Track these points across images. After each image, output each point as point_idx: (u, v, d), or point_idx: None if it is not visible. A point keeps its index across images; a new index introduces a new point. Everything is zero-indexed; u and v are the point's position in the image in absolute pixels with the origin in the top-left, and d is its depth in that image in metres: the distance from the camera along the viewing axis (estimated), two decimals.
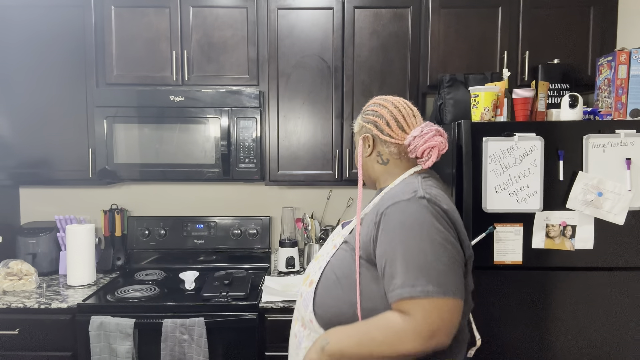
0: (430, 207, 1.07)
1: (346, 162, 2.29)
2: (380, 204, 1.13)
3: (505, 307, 1.78)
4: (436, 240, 1.03)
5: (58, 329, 1.98)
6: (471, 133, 1.73)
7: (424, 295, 0.99)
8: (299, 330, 1.24)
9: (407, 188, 1.13)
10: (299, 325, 1.25)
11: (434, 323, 0.99)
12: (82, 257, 2.25)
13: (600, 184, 1.72)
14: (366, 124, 1.26)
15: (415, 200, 1.08)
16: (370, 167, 1.29)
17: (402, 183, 1.19)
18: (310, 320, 1.17)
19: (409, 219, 1.05)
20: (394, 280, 1.03)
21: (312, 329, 1.18)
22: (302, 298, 1.22)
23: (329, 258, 1.21)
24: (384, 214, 1.09)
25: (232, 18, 2.26)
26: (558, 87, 2.12)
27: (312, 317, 1.17)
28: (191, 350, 1.90)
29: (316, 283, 1.19)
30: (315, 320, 1.17)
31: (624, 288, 1.76)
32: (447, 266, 1.02)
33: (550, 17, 2.21)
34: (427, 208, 1.06)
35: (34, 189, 2.65)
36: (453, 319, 1.02)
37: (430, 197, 1.08)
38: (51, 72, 2.26)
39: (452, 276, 1.02)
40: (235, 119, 2.22)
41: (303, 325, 1.22)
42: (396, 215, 1.07)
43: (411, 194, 1.09)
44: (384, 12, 2.24)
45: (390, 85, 2.26)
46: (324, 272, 1.19)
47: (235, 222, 2.57)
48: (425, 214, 1.06)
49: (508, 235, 1.76)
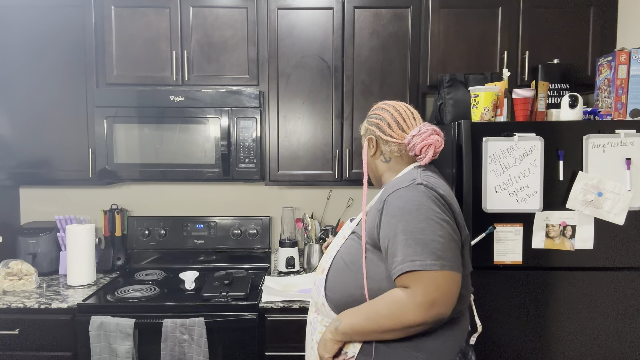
0: (427, 191, 1.18)
1: (346, 162, 2.29)
2: (383, 194, 1.24)
3: (505, 307, 1.78)
4: (433, 219, 1.13)
5: (58, 329, 1.98)
6: (471, 133, 1.73)
7: (422, 268, 1.09)
8: (314, 318, 1.35)
9: (407, 177, 1.24)
10: (313, 312, 1.36)
11: (433, 294, 1.08)
12: (82, 257, 2.25)
13: (600, 184, 1.72)
14: (370, 126, 1.39)
15: (413, 186, 1.19)
16: (374, 165, 1.41)
17: (402, 175, 1.30)
18: (323, 304, 1.29)
19: (407, 203, 1.16)
20: (396, 258, 1.13)
21: (324, 313, 1.30)
22: (316, 285, 1.33)
23: (338, 248, 1.33)
24: (385, 201, 1.20)
25: (232, 18, 2.26)
26: (558, 87, 2.12)
27: (324, 301, 1.28)
28: (191, 350, 1.90)
29: (327, 270, 1.31)
30: (327, 303, 1.28)
31: (624, 288, 1.77)
32: (443, 242, 1.12)
33: (550, 17, 2.21)
34: (424, 192, 1.17)
35: (34, 189, 2.65)
36: (452, 290, 1.11)
37: (427, 184, 1.20)
38: (51, 72, 2.26)
39: (449, 251, 1.12)
40: (235, 119, 2.22)
41: (317, 311, 1.33)
42: (396, 201, 1.18)
43: (410, 181, 1.21)
44: (384, 12, 2.24)
45: (390, 85, 2.26)
46: (334, 260, 1.31)
47: (235, 222, 2.57)
48: (423, 197, 1.16)
49: (508, 235, 1.76)
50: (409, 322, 1.10)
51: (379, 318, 1.13)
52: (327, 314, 1.29)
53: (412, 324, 1.10)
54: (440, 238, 1.11)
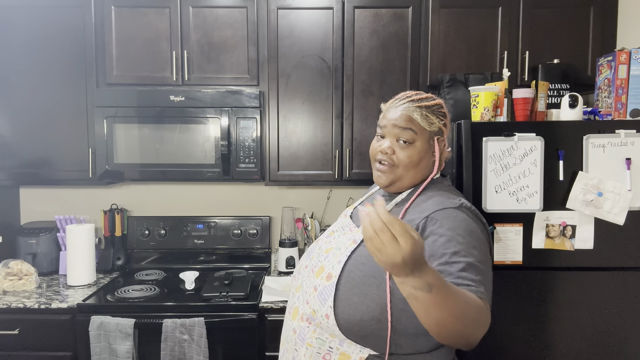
0: (476, 218, 1.12)
1: (346, 162, 2.29)
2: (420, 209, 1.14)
3: (505, 307, 1.78)
4: (483, 250, 1.07)
5: (58, 329, 1.98)
6: (471, 133, 1.73)
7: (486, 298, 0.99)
8: (301, 326, 1.16)
9: (449, 196, 1.16)
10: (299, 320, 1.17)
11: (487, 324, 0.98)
12: (82, 257, 2.25)
13: (600, 184, 1.71)
14: (440, 123, 1.20)
15: (463, 209, 1.11)
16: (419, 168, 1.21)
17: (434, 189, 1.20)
18: (326, 316, 1.09)
19: (460, 226, 1.07)
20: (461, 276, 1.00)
21: (322, 326, 1.10)
22: (317, 292, 1.13)
23: (349, 253, 1.14)
24: (429, 217, 1.10)
25: (232, 18, 2.26)
26: (558, 87, 2.11)
27: (330, 312, 1.08)
28: (191, 350, 1.90)
29: (337, 278, 1.11)
30: (332, 315, 1.08)
31: (624, 288, 1.76)
32: (490, 275, 1.06)
33: (550, 17, 2.21)
34: (475, 219, 1.12)
35: (34, 189, 2.65)
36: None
37: (474, 209, 1.14)
38: (51, 72, 2.26)
39: (490, 286, 1.06)
40: (235, 119, 2.22)
41: (309, 320, 1.14)
42: (447, 220, 1.08)
43: (457, 202, 1.13)
44: (384, 12, 2.24)
45: (390, 85, 2.26)
46: (345, 267, 1.12)
47: (235, 222, 2.57)
48: (473, 224, 1.10)
49: (508, 235, 1.76)
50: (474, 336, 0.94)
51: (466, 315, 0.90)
52: (327, 329, 1.09)
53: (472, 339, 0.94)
54: (487, 269, 1.05)
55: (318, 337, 1.12)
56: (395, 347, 1.08)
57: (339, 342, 1.10)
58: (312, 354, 1.12)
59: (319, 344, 1.12)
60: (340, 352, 1.10)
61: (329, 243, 1.24)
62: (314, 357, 1.12)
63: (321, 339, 1.12)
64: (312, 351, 1.12)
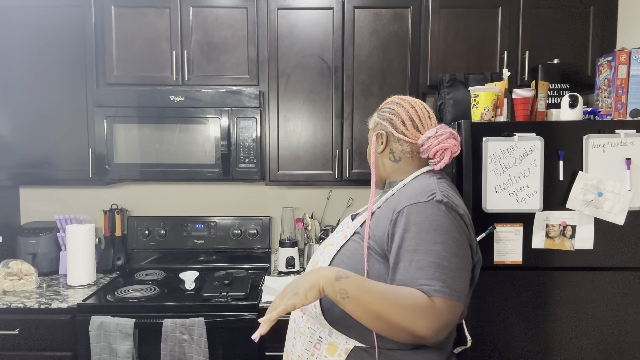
0: (448, 212, 1.10)
1: (346, 162, 2.29)
2: (397, 201, 1.15)
3: (505, 307, 1.78)
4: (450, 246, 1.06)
5: (58, 329, 1.98)
6: (471, 133, 1.73)
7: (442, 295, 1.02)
8: (298, 316, 1.25)
9: (425, 189, 1.15)
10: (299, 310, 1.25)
11: (446, 321, 1.02)
12: (82, 257, 2.25)
13: (600, 184, 1.72)
14: (382, 121, 1.29)
15: (433, 203, 1.10)
16: (381, 163, 1.32)
17: (417, 182, 1.20)
18: (314, 306, 1.17)
19: (426, 221, 1.08)
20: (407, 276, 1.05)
21: (311, 314, 1.19)
22: None
23: (339, 247, 1.22)
24: (401, 212, 1.11)
25: (232, 18, 2.26)
26: (558, 87, 2.12)
27: (317, 302, 1.16)
28: (191, 350, 1.90)
29: None
30: (319, 305, 1.16)
31: (624, 288, 1.76)
32: (458, 272, 1.05)
33: (550, 17, 2.21)
34: (445, 214, 1.09)
35: (34, 189, 2.65)
36: (454, 322, 1.05)
37: (448, 201, 1.11)
38: (51, 72, 2.26)
39: (460, 282, 1.05)
40: (235, 119, 2.22)
41: (303, 310, 1.23)
42: (413, 216, 1.09)
43: (429, 195, 1.12)
44: (384, 12, 2.24)
45: (390, 85, 2.26)
46: (333, 260, 1.21)
47: (235, 222, 2.57)
48: (442, 219, 1.09)
49: (508, 235, 1.76)
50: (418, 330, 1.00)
51: (394, 307, 0.99)
52: (316, 319, 1.18)
53: (418, 333, 1.00)
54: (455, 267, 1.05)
55: (310, 327, 1.20)
56: (378, 340, 1.12)
57: (327, 332, 1.17)
58: (304, 342, 1.20)
59: (310, 334, 1.19)
60: (329, 342, 1.16)
61: (328, 240, 1.33)
62: (307, 346, 1.19)
63: (312, 328, 1.19)
64: (305, 339, 1.20)
